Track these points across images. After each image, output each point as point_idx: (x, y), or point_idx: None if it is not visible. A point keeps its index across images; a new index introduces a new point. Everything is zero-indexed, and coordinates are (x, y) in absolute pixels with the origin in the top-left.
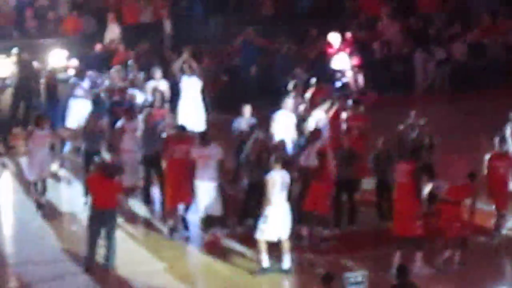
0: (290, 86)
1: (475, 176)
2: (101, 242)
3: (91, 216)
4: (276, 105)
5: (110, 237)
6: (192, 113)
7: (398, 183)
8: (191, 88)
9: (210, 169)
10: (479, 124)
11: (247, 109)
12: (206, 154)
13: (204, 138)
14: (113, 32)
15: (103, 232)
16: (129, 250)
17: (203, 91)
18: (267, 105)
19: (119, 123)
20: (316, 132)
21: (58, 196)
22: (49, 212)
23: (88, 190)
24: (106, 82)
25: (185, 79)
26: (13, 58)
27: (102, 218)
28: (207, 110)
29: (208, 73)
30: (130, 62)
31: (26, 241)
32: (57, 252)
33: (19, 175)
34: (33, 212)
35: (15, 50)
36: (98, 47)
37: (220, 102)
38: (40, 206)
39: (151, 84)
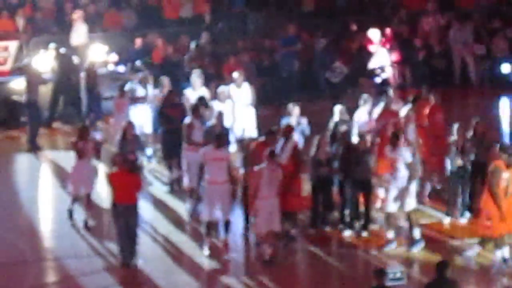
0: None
1: None
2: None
3: (114, 213)
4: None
5: (131, 234)
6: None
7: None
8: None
9: (222, 170)
10: None
11: (296, 109)
12: (219, 156)
13: (220, 140)
14: (79, 32)
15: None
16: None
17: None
18: (307, 99)
19: (187, 120)
20: (289, 129)
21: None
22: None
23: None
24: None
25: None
26: (52, 53)
27: (124, 214)
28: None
29: (250, 68)
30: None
31: (65, 236)
32: (96, 247)
33: (57, 169)
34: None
35: (54, 45)
36: (137, 42)
37: (262, 96)
38: (71, 215)
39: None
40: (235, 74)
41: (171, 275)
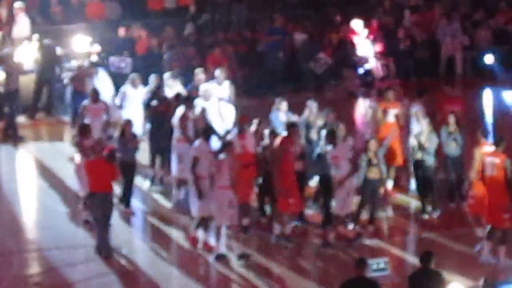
0: None
1: None
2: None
3: (90, 202)
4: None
5: (105, 223)
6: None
7: (490, 176)
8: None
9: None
10: None
11: (284, 104)
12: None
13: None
14: (20, 25)
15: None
16: None
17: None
18: (291, 91)
19: (180, 110)
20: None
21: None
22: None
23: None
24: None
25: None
26: (36, 44)
27: (100, 203)
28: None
29: (234, 59)
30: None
31: (47, 227)
32: (79, 238)
33: (40, 161)
34: (56, 198)
35: (37, 36)
36: (121, 31)
37: (246, 87)
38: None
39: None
40: (217, 72)
41: (155, 267)
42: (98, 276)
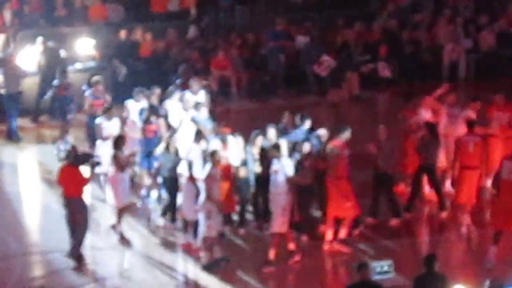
0: None
1: None
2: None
3: (64, 206)
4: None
5: (76, 228)
6: None
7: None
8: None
9: None
10: None
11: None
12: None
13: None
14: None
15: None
16: None
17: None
18: (294, 94)
19: None
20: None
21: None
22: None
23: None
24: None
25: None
26: (39, 47)
27: (68, 207)
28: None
29: (238, 62)
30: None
31: (52, 230)
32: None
33: (43, 163)
34: (59, 201)
35: (41, 39)
36: (122, 34)
37: (249, 91)
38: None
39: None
40: (191, 82)
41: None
42: (101, 280)
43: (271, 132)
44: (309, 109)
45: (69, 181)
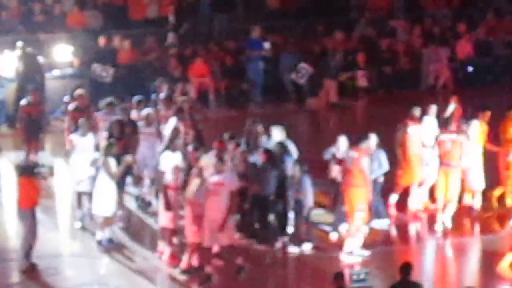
0: None
1: None
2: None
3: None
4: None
5: (23, 236)
6: None
7: None
8: None
9: None
10: None
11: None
12: None
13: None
14: None
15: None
16: None
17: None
18: (272, 102)
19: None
20: (221, 145)
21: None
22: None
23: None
24: None
25: None
26: (18, 52)
27: (19, 217)
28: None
29: (217, 69)
30: None
31: None
32: (64, 246)
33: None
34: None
35: (19, 44)
36: (101, 41)
37: (227, 98)
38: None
39: None
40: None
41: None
42: (81, 285)
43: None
44: (287, 117)
45: (19, 192)
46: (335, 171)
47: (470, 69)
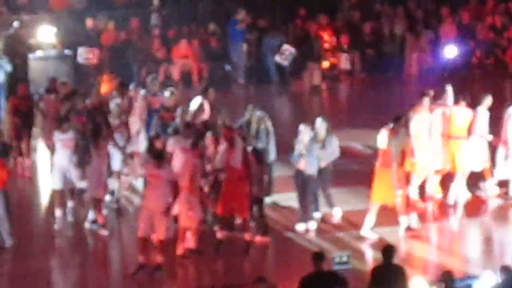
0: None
1: None
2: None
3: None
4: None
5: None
6: None
7: None
8: None
9: None
10: None
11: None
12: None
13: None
14: None
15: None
16: None
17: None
18: (255, 84)
19: None
20: (229, 133)
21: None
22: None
23: None
24: None
25: None
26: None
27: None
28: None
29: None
30: None
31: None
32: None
33: None
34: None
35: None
36: (89, 22)
37: (210, 81)
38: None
39: None
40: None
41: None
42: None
43: None
44: (270, 99)
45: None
46: (302, 164)
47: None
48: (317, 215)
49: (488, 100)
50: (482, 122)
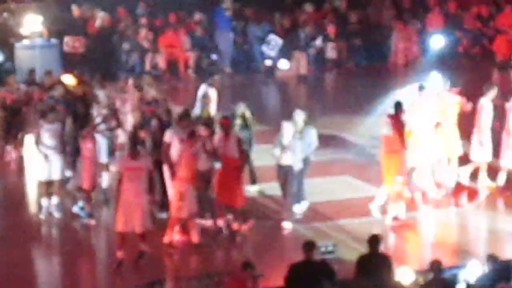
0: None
1: None
2: None
3: None
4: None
5: None
6: None
7: None
8: None
9: None
10: None
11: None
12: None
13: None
14: None
15: None
16: None
17: None
18: (242, 73)
19: None
20: (226, 122)
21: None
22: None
23: None
24: None
25: None
26: None
27: None
28: None
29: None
30: None
31: None
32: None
33: None
34: None
35: None
36: (75, 10)
37: (197, 70)
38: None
39: None
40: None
41: None
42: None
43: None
44: (257, 88)
45: None
46: (285, 159)
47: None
48: (304, 204)
49: (493, 91)
50: (487, 114)
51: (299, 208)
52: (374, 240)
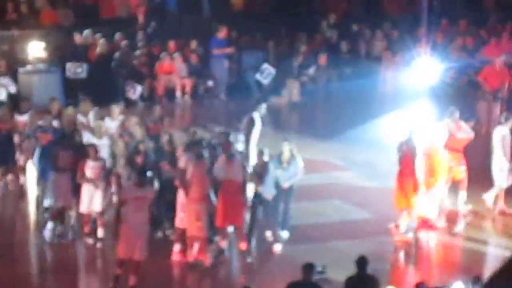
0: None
1: None
2: None
3: None
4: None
5: None
6: None
7: None
8: None
9: None
10: None
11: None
12: None
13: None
14: None
15: None
16: None
17: None
18: (237, 100)
19: None
20: (227, 145)
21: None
22: None
23: None
24: None
25: None
26: None
27: None
28: None
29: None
30: None
31: None
32: None
33: None
34: None
35: None
36: (77, 38)
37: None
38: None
39: None
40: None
41: None
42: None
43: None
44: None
45: None
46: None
47: None
48: (285, 234)
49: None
50: (507, 142)
51: (284, 234)
52: (362, 261)
